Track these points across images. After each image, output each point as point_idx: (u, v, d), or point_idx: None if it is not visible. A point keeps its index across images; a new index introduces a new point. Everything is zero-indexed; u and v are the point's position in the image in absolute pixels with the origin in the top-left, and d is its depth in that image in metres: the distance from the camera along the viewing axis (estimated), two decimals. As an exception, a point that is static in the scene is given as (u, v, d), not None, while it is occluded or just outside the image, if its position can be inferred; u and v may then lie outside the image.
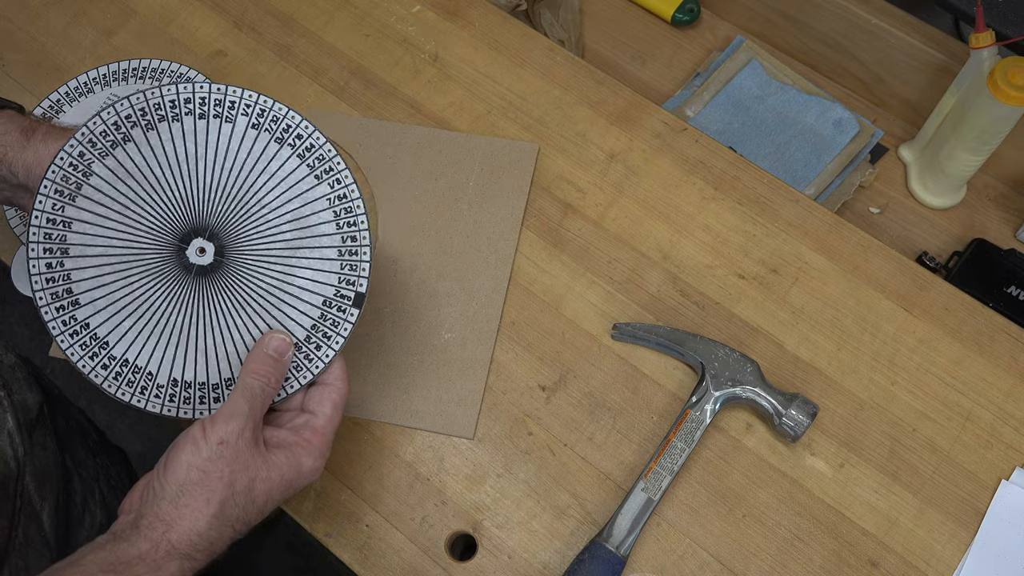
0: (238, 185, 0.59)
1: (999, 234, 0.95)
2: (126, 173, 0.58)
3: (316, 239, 0.60)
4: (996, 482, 0.67)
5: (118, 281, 0.58)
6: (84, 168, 0.57)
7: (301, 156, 0.60)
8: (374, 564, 0.65)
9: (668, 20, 1.06)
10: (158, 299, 0.59)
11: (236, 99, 0.59)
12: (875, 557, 0.65)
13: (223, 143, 0.59)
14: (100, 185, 0.58)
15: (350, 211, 0.61)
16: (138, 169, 0.58)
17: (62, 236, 0.57)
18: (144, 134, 0.58)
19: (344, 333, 0.60)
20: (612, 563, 0.62)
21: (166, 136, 0.59)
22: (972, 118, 0.84)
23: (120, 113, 0.58)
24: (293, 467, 0.55)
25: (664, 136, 0.80)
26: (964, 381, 0.70)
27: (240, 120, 0.59)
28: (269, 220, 0.60)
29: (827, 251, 0.75)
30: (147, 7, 0.86)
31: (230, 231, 0.59)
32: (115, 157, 0.58)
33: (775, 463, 0.68)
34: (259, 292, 0.60)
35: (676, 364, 0.71)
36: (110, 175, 0.58)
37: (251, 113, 0.59)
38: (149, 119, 0.58)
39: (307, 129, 0.60)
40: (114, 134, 0.58)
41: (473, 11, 0.86)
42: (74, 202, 0.57)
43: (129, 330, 0.58)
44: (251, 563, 1.42)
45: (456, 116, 0.81)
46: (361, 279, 0.61)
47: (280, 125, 0.60)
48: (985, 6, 0.82)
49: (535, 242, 0.75)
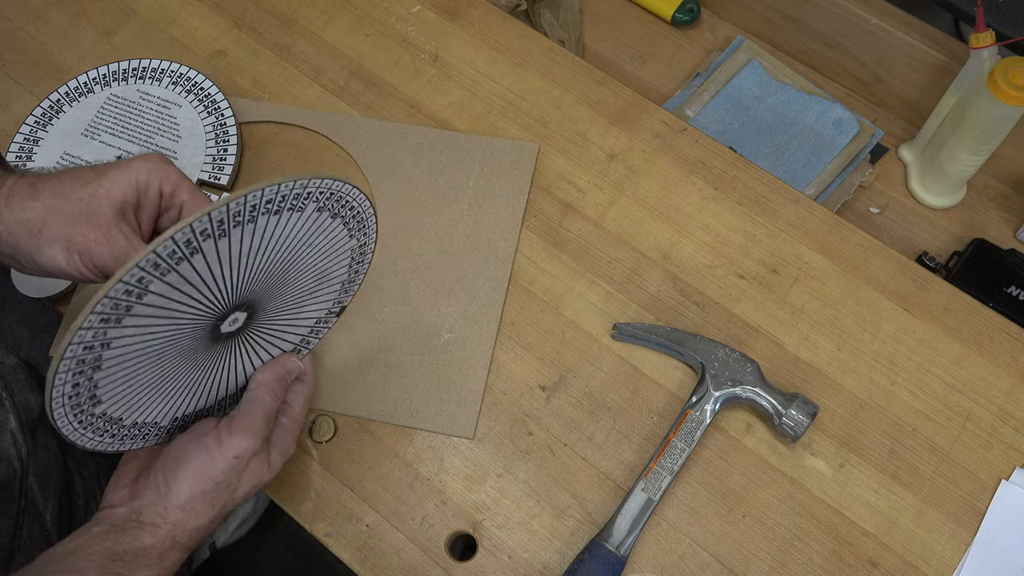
0: (287, 262, 0.55)
1: (999, 234, 0.95)
2: (185, 283, 0.49)
3: (331, 283, 0.59)
4: (996, 482, 0.67)
5: (148, 373, 0.51)
6: (140, 291, 0.46)
7: (347, 224, 0.56)
8: (374, 564, 0.65)
9: (668, 20, 1.06)
10: (185, 372, 0.54)
11: (313, 189, 0.52)
12: (875, 557, 0.65)
13: (287, 232, 0.52)
14: (154, 300, 0.48)
15: (364, 254, 0.60)
16: (200, 278, 0.49)
17: (97, 356, 0.48)
18: (215, 244, 0.48)
19: (321, 336, 0.62)
20: (612, 563, 0.62)
21: (236, 240, 0.49)
22: (972, 118, 0.84)
23: (196, 229, 0.47)
24: (279, 460, 0.58)
25: (664, 136, 0.80)
26: (964, 381, 0.70)
27: (310, 207, 0.52)
28: (298, 281, 0.57)
29: (827, 251, 0.75)
30: (147, 7, 0.86)
31: (264, 297, 0.55)
32: (178, 272, 0.48)
33: (775, 463, 0.68)
34: (269, 334, 0.58)
35: (676, 364, 0.71)
36: (168, 288, 0.48)
37: (321, 199, 0.53)
38: (225, 227, 0.48)
39: (359, 200, 0.56)
40: (183, 251, 0.47)
41: (473, 11, 0.86)
42: (120, 323, 0.47)
43: (146, 403, 0.53)
44: (251, 562, 1.42)
45: (456, 116, 0.81)
46: (349, 297, 0.62)
47: (341, 202, 0.54)
48: (985, 6, 0.82)
49: (535, 242, 0.75)
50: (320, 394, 0.70)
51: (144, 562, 0.50)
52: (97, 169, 0.54)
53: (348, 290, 0.62)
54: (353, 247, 0.59)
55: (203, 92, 0.80)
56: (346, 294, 0.62)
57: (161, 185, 0.55)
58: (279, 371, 0.58)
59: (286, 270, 0.55)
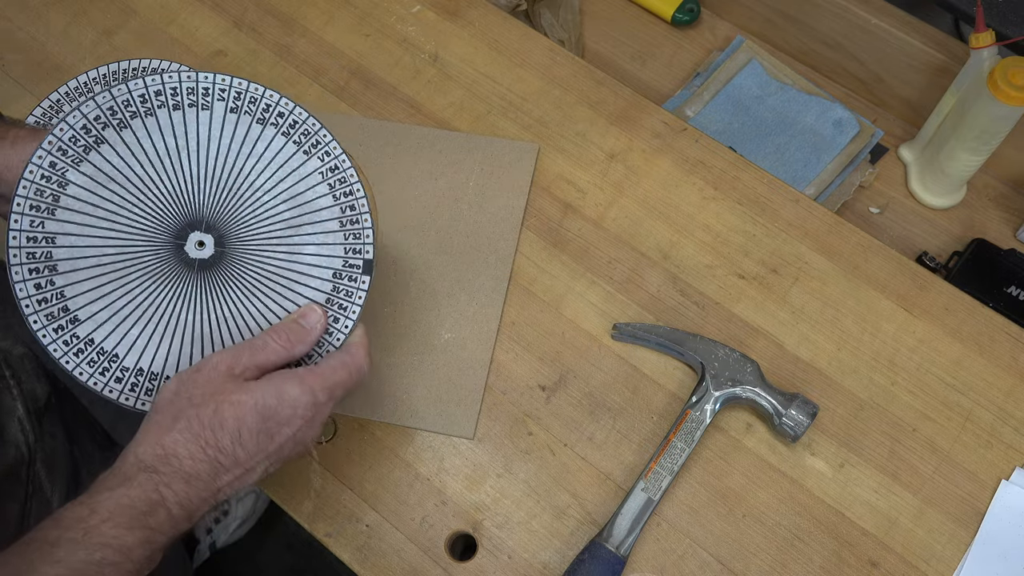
0: (227, 173, 0.58)
1: (999, 234, 0.95)
2: (106, 177, 0.56)
3: (316, 214, 0.59)
4: (996, 482, 0.67)
5: (117, 290, 0.56)
6: (58, 178, 0.54)
7: (286, 134, 0.59)
8: (374, 564, 0.65)
9: (668, 20, 1.06)
10: (163, 301, 0.57)
11: (210, 85, 0.57)
12: (875, 557, 0.65)
13: (203, 132, 0.57)
14: (79, 194, 0.55)
15: (344, 181, 0.60)
16: (118, 171, 0.56)
17: (47, 253, 0.54)
18: (118, 133, 0.56)
19: (359, 301, 0.59)
20: (612, 563, 0.62)
21: (142, 133, 0.56)
22: (972, 118, 0.84)
23: (88, 115, 0.55)
24: (273, 393, 0.52)
25: (664, 136, 0.80)
26: (964, 381, 0.70)
27: (217, 106, 0.57)
28: (266, 203, 0.59)
29: (827, 251, 0.75)
30: (147, 7, 0.86)
31: (228, 220, 0.58)
32: (90, 162, 0.55)
33: (775, 463, 0.68)
34: (267, 276, 0.58)
35: (676, 364, 0.71)
36: (89, 182, 0.55)
37: (227, 97, 0.58)
38: (120, 117, 0.56)
39: (288, 106, 0.59)
40: (84, 138, 0.55)
41: (473, 11, 0.86)
42: (54, 215, 0.54)
43: (138, 338, 0.57)
44: (251, 562, 1.42)
45: (456, 116, 0.81)
46: (367, 246, 0.60)
47: (259, 106, 0.58)
48: (985, 6, 0.82)
49: (535, 242, 0.75)
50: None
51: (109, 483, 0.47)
52: None
53: (357, 235, 0.60)
54: (321, 169, 0.59)
55: (203, 92, 0.80)
56: (357, 239, 0.60)
57: None
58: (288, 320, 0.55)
59: (235, 186, 0.57)
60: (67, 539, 0.44)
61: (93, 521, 0.45)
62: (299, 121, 0.59)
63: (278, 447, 0.53)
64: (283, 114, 0.59)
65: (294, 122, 0.59)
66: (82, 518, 0.45)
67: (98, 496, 0.47)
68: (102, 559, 0.45)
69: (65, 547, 0.44)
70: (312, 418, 0.54)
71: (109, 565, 0.45)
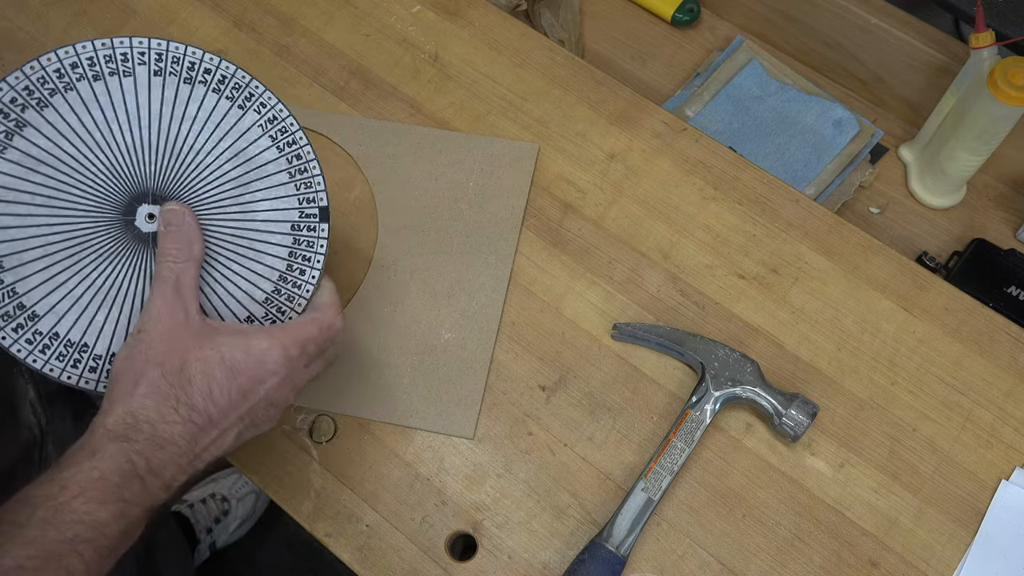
0: (164, 139, 0.56)
1: (999, 234, 0.95)
2: (35, 162, 0.53)
3: (262, 168, 0.58)
4: (996, 482, 0.67)
5: (72, 277, 0.54)
6: None
7: (217, 91, 0.57)
8: (374, 564, 0.65)
9: (668, 20, 1.06)
10: (123, 280, 0.55)
11: (127, 49, 0.55)
12: (875, 557, 0.65)
13: (131, 100, 0.55)
14: (10, 183, 0.52)
15: (285, 131, 0.58)
16: (48, 153, 0.53)
17: None
18: (39, 113, 0.53)
19: (322, 251, 0.59)
20: (612, 563, 0.62)
21: (65, 109, 0.53)
22: (972, 118, 0.84)
23: (3, 99, 0.52)
24: (240, 347, 0.51)
25: (664, 136, 0.80)
26: (964, 381, 0.70)
27: (140, 71, 0.55)
28: (209, 164, 0.57)
29: (827, 251, 0.75)
30: (147, 7, 0.86)
31: (174, 188, 0.56)
32: (16, 148, 0.52)
33: (775, 463, 0.68)
34: (225, 238, 0.57)
35: (676, 364, 0.71)
36: (18, 169, 0.52)
37: (148, 60, 0.55)
38: (39, 95, 0.53)
39: (213, 62, 0.57)
40: (4, 123, 0.52)
41: (473, 11, 0.86)
42: None
43: (105, 322, 0.55)
44: (251, 562, 1.42)
45: (456, 116, 0.81)
46: (320, 193, 0.59)
47: (183, 64, 0.56)
48: (985, 6, 0.82)
49: (535, 242, 0.75)
50: (320, 394, 0.70)
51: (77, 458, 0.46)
52: None
53: (308, 183, 0.59)
54: (260, 122, 0.58)
55: (203, 92, 0.80)
56: (308, 188, 0.59)
57: None
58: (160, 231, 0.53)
59: (176, 151, 0.55)
60: (37, 519, 0.42)
61: (63, 498, 0.43)
62: (227, 76, 0.57)
63: (250, 407, 0.51)
64: (209, 70, 0.56)
65: (223, 77, 0.57)
66: (51, 495, 0.43)
67: (67, 471, 0.44)
68: (75, 536, 0.43)
69: (36, 527, 0.42)
70: (286, 376, 0.52)
71: (83, 542, 0.43)
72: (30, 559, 0.41)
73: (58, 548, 0.42)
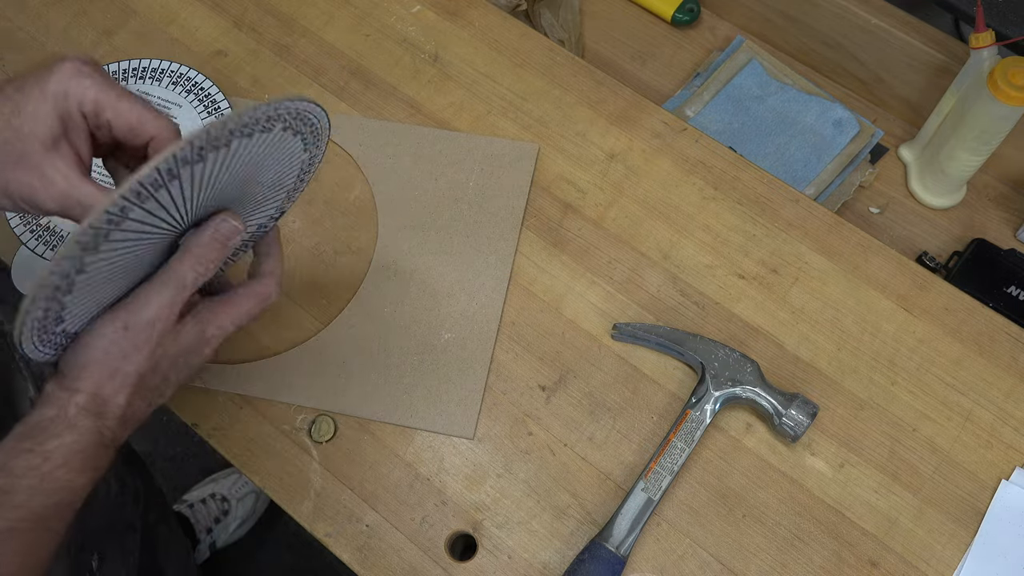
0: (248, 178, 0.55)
1: (999, 234, 0.95)
2: (160, 207, 0.50)
3: (277, 193, 0.58)
4: (996, 482, 0.67)
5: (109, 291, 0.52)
6: (120, 218, 0.48)
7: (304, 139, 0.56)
8: (374, 564, 0.65)
9: (668, 20, 1.06)
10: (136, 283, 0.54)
11: (284, 111, 0.53)
12: (875, 557, 0.65)
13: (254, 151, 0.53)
14: (131, 226, 0.49)
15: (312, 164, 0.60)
16: (172, 201, 0.51)
17: (71, 282, 0.48)
18: (192, 169, 0.50)
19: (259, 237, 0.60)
20: (612, 563, 0.62)
21: (211, 163, 0.51)
22: (972, 118, 0.84)
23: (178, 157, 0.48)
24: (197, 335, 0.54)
25: (664, 136, 0.80)
26: (964, 381, 0.70)
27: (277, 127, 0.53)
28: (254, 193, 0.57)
29: (827, 251, 0.75)
30: (147, 7, 0.86)
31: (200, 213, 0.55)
32: (156, 199, 0.49)
33: (775, 463, 0.68)
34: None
35: (676, 364, 0.71)
36: (145, 214, 0.49)
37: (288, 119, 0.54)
38: (204, 152, 0.50)
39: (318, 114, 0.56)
40: (163, 179, 0.48)
41: (473, 11, 0.86)
42: (96, 250, 0.48)
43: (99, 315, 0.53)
44: (251, 562, 1.42)
45: (456, 116, 0.81)
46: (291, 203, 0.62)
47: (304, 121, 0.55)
48: (985, 6, 0.82)
49: (535, 242, 0.75)
50: (320, 394, 0.70)
51: (54, 431, 0.50)
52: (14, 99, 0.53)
53: (291, 197, 0.61)
54: (305, 160, 0.59)
55: (203, 92, 0.80)
56: (289, 201, 0.61)
57: (81, 108, 0.52)
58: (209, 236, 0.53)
59: (245, 185, 0.55)
60: (24, 486, 0.48)
61: (47, 468, 0.49)
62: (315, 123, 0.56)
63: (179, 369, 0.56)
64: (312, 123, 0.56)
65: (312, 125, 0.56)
66: (35, 466, 0.49)
67: (48, 444, 0.50)
68: (59, 501, 0.49)
69: (24, 493, 0.48)
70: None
71: (65, 506, 0.50)
72: (21, 521, 0.47)
73: (45, 512, 0.49)
